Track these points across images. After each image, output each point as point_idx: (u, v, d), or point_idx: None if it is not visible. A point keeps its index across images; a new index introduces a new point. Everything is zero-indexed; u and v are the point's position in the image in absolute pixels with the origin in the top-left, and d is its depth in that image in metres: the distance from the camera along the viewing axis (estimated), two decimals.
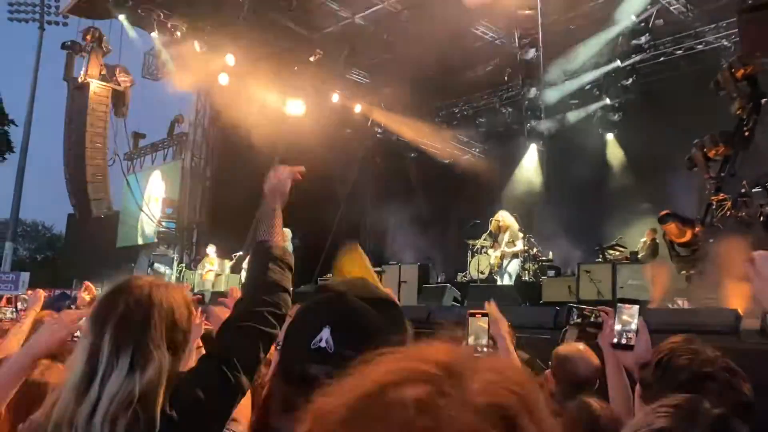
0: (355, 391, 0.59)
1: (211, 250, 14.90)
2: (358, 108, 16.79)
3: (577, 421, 2.35)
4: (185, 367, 1.64)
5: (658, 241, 11.05)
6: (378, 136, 17.62)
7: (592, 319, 2.70)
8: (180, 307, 1.61)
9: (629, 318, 2.28)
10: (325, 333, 1.14)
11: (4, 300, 3.56)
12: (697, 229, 8.92)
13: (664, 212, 9.49)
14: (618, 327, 2.27)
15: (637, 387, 2.15)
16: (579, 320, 2.75)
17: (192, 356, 1.74)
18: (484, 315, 2.53)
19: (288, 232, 11.33)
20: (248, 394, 1.69)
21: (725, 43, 12.61)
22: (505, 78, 15.93)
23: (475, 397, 0.57)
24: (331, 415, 0.58)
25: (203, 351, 2.21)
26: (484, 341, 2.39)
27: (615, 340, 2.22)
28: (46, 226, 48.45)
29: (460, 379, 0.59)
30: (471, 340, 2.39)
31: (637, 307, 2.36)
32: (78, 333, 1.99)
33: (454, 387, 0.58)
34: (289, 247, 12.39)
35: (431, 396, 0.57)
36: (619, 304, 2.43)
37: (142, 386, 1.43)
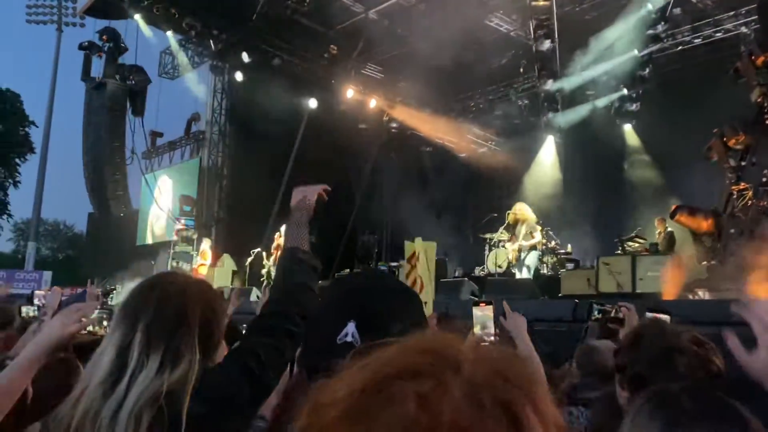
0: (354, 384, 0.58)
1: (205, 245, 15.00)
2: (373, 103, 16.77)
3: (601, 412, 2.34)
4: (215, 361, 1.63)
5: (670, 229, 10.97)
6: (393, 130, 17.60)
7: (612, 315, 2.69)
8: (213, 304, 1.60)
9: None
10: (351, 327, 1.15)
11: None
12: (712, 218, 8.82)
13: (674, 208, 9.41)
14: None
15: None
16: (600, 316, 2.74)
17: (221, 351, 1.76)
18: (489, 304, 2.52)
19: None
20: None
21: (744, 30, 12.41)
22: (521, 70, 15.83)
23: (478, 391, 0.56)
24: (329, 410, 0.57)
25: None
26: (491, 329, 2.39)
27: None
28: (67, 225, 49.07)
29: (462, 372, 0.57)
30: (477, 329, 2.39)
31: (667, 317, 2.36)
32: (90, 327, 2.01)
33: (457, 380, 0.56)
34: None
35: (433, 390, 0.55)
36: (648, 314, 2.43)
37: (170, 385, 1.42)
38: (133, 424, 1.38)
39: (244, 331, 1.78)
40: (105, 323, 2.16)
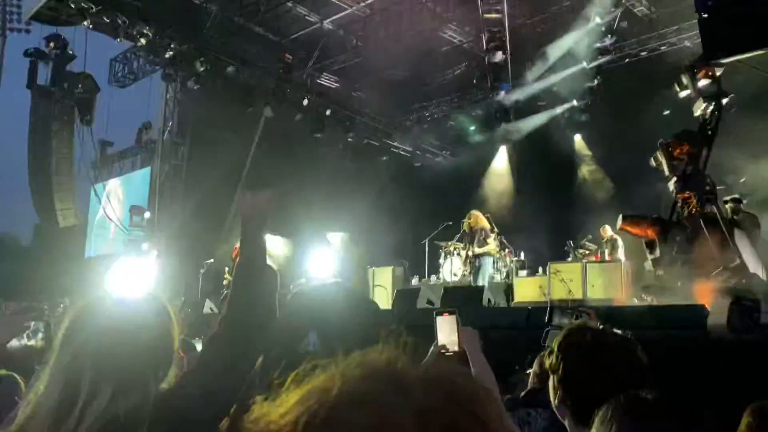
0: (299, 413, 0.55)
1: (155, 255, 14.77)
2: (328, 112, 16.76)
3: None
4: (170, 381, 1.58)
5: (615, 236, 11.28)
6: (349, 139, 17.62)
7: (574, 319, 2.74)
8: (165, 320, 1.55)
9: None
10: (312, 337, 1.15)
11: None
12: (656, 225, 9.10)
13: (620, 218, 9.69)
14: None
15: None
16: (560, 320, 2.78)
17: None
18: (452, 313, 2.54)
19: None
20: None
21: (687, 44, 12.88)
22: (474, 81, 16.07)
23: (429, 418, 0.53)
24: None
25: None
26: (454, 338, 2.41)
27: None
28: (12, 236, 47.35)
29: (411, 397, 0.55)
30: (441, 338, 2.41)
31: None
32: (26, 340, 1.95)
33: (406, 408, 0.54)
34: None
35: (381, 421, 0.52)
36: None
37: (126, 412, 1.37)
38: None
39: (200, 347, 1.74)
40: (40, 334, 2.10)
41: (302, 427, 0.54)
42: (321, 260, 13.19)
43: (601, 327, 1.91)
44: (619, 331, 1.86)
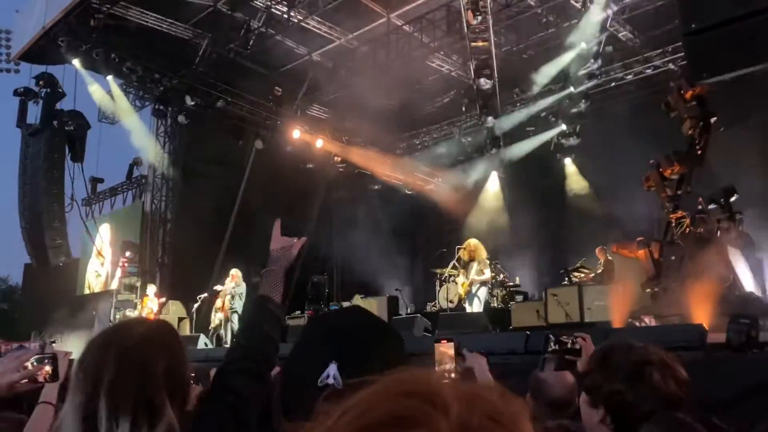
0: (340, 426, 0.54)
1: (150, 290, 14.64)
2: (319, 143, 16.82)
3: None
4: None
5: (610, 258, 11.29)
6: (341, 170, 17.66)
7: (569, 346, 2.69)
8: (175, 347, 1.51)
9: None
10: (332, 369, 1.09)
11: None
12: (645, 247, 9.11)
13: (611, 245, 9.71)
14: None
15: (582, 395, 2.17)
16: (556, 347, 2.73)
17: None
18: (450, 341, 2.51)
19: None
20: None
21: (672, 66, 13.06)
22: (463, 108, 16.19)
23: None
24: None
25: None
26: (450, 366, 2.38)
27: None
28: (1, 277, 47.02)
29: (451, 415, 0.54)
30: (437, 366, 2.37)
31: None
32: (40, 377, 1.89)
33: (447, 425, 0.53)
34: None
35: None
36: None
37: None
38: None
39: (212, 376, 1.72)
40: (47, 368, 2.04)
41: None
42: (314, 292, 13.11)
43: (640, 344, 1.90)
44: (660, 349, 1.86)
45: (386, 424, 0.53)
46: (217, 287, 13.07)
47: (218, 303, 13.12)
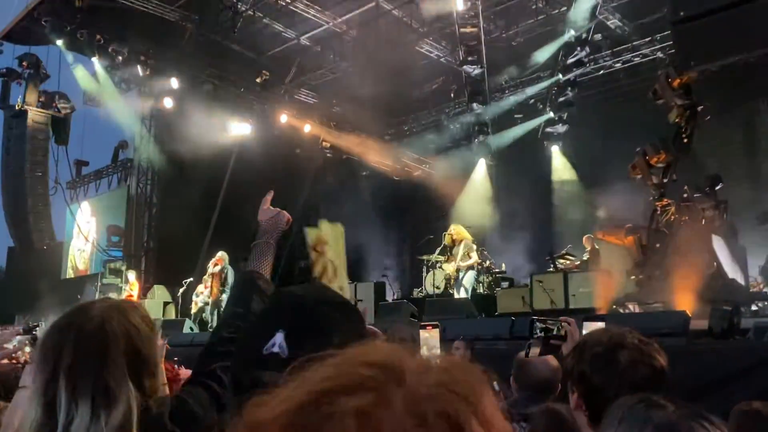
0: (292, 401, 0.54)
1: (131, 276, 14.59)
2: (307, 128, 16.74)
3: (544, 428, 2.34)
4: (157, 389, 1.52)
5: (597, 246, 11.37)
6: (328, 155, 17.59)
7: (555, 332, 2.72)
8: (139, 328, 1.48)
9: None
10: (279, 338, 1.09)
11: None
12: (632, 234, 9.19)
13: (597, 230, 9.78)
14: None
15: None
16: (542, 333, 2.75)
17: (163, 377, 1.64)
18: (435, 327, 2.53)
19: None
20: None
21: (660, 55, 13.08)
22: (452, 95, 16.16)
23: (421, 404, 0.53)
24: (268, 428, 0.54)
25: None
26: (437, 352, 2.39)
27: None
28: None
29: (405, 384, 0.54)
30: (424, 351, 2.38)
31: (602, 324, 2.42)
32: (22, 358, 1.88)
33: (399, 393, 0.53)
34: None
35: (374, 405, 0.52)
36: (585, 323, 2.50)
37: (111, 429, 1.31)
38: None
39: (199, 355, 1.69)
40: (28, 349, 2.02)
41: (295, 413, 0.53)
42: (301, 277, 13.09)
43: (624, 330, 1.89)
44: (640, 335, 1.84)
45: (337, 392, 0.53)
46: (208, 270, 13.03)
47: (199, 288, 13.09)
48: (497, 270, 12.54)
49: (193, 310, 12.99)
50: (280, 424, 0.53)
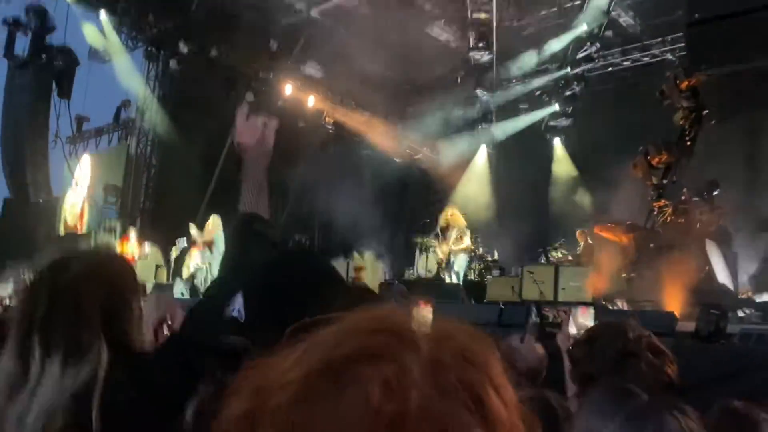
0: (307, 366, 0.53)
1: (132, 235, 14.55)
2: (311, 101, 16.66)
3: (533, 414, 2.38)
4: (136, 342, 1.50)
5: (591, 242, 11.41)
6: (330, 131, 17.53)
7: (550, 320, 2.76)
8: (117, 283, 1.45)
9: (584, 321, 2.38)
10: (238, 301, 1.07)
11: None
12: (631, 232, 9.24)
13: (595, 225, 9.82)
14: (573, 330, 2.38)
15: (566, 362, 2.21)
16: (538, 320, 2.80)
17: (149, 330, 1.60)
18: (427, 303, 2.55)
19: None
20: None
21: (670, 57, 13.06)
22: (458, 80, 16.10)
23: (443, 373, 0.53)
24: (278, 394, 0.52)
25: None
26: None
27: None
28: None
29: (420, 352, 0.54)
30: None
31: (592, 309, 2.46)
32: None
33: (418, 363, 0.53)
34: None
35: (396, 375, 0.51)
36: (573, 308, 2.54)
37: (77, 384, 1.31)
38: (41, 428, 1.28)
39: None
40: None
41: (313, 379, 0.52)
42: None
43: (637, 331, 1.88)
44: (654, 342, 1.83)
45: (356, 360, 0.52)
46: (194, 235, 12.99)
47: (194, 252, 13.08)
48: (489, 258, 12.58)
49: (185, 275, 13.00)
50: (293, 391, 0.52)
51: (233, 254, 1.56)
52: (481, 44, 13.50)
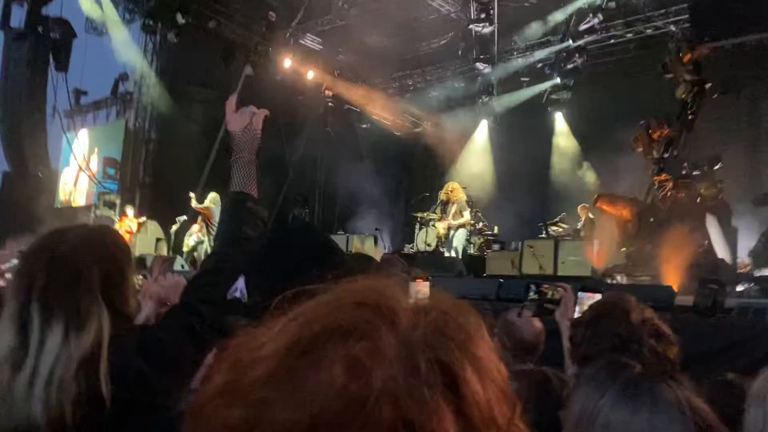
0: (279, 342, 0.52)
1: (129, 211, 14.57)
2: (310, 74, 16.53)
3: (530, 387, 2.39)
4: (130, 314, 1.53)
5: (592, 216, 11.41)
6: (330, 104, 17.42)
7: (549, 296, 2.75)
8: (114, 253, 1.49)
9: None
10: (240, 283, 1.08)
11: None
12: (632, 206, 9.23)
13: (596, 196, 9.81)
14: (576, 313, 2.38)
15: (566, 341, 2.22)
16: (536, 296, 2.79)
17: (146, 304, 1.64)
18: (426, 280, 2.55)
19: None
20: None
21: (673, 28, 12.88)
22: (459, 52, 15.93)
23: (414, 351, 0.51)
24: (253, 368, 0.51)
25: None
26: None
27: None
28: None
29: (397, 327, 0.53)
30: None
31: (599, 295, 2.45)
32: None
33: (391, 338, 0.51)
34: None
35: (365, 353, 0.50)
36: (580, 293, 2.54)
37: (81, 351, 1.33)
38: (52, 396, 1.28)
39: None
40: None
41: (283, 356, 0.51)
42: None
43: (641, 313, 1.87)
44: (659, 324, 1.83)
45: (328, 335, 0.52)
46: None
47: (193, 227, 13.11)
48: (489, 232, 12.59)
49: (185, 249, 13.03)
50: (267, 365, 0.51)
51: (227, 229, 1.61)
52: (482, 15, 13.33)
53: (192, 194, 12.92)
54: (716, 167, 9.08)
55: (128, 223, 14.22)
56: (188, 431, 0.53)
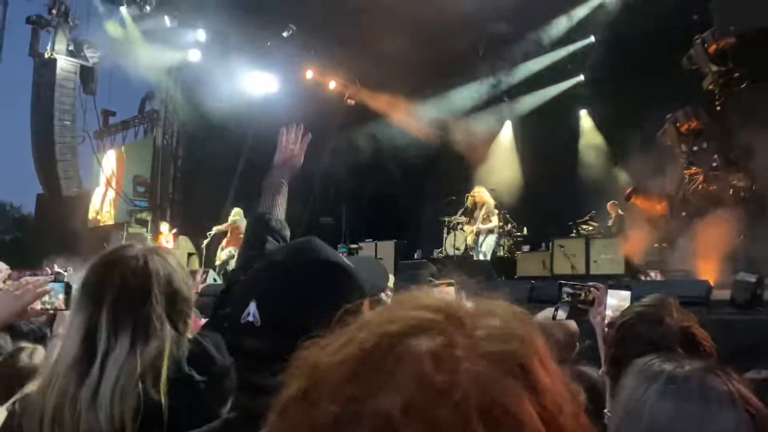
0: (361, 342, 0.56)
1: (164, 228, 14.76)
2: (332, 84, 16.62)
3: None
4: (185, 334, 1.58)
5: (622, 213, 11.23)
6: (353, 112, 17.48)
7: (582, 297, 2.73)
8: (179, 274, 1.55)
9: (620, 302, 2.37)
10: (252, 307, 1.10)
11: None
12: (665, 201, 9.08)
13: (629, 190, 9.66)
14: (609, 312, 2.36)
15: (600, 343, 2.20)
16: (569, 298, 2.76)
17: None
18: (450, 285, 2.55)
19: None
20: None
21: (695, 17, 12.66)
22: (479, 54, 15.87)
23: (486, 345, 0.55)
24: (335, 370, 0.55)
25: None
26: None
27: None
28: (14, 206, 47.43)
29: (464, 327, 0.56)
30: None
31: (628, 293, 2.43)
32: (48, 304, 1.93)
33: (463, 336, 0.55)
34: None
35: (445, 347, 0.54)
36: (610, 290, 2.52)
37: (144, 364, 1.38)
38: (115, 406, 1.33)
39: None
40: (61, 296, 2.07)
41: (368, 354, 0.55)
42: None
43: (680, 320, 1.84)
44: (696, 329, 1.81)
45: (407, 334, 0.55)
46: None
47: (225, 241, 13.25)
48: (518, 233, 12.49)
49: (217, 262, 13.17)
50: (349, 366, 0.54)
51: (247, 249, 1.69)
52: (501, 15, 13.29)
53: (209, 232, 13.19)
54: (748, 159, 8.88)
55: (163, 240, 14.43)
56: None
